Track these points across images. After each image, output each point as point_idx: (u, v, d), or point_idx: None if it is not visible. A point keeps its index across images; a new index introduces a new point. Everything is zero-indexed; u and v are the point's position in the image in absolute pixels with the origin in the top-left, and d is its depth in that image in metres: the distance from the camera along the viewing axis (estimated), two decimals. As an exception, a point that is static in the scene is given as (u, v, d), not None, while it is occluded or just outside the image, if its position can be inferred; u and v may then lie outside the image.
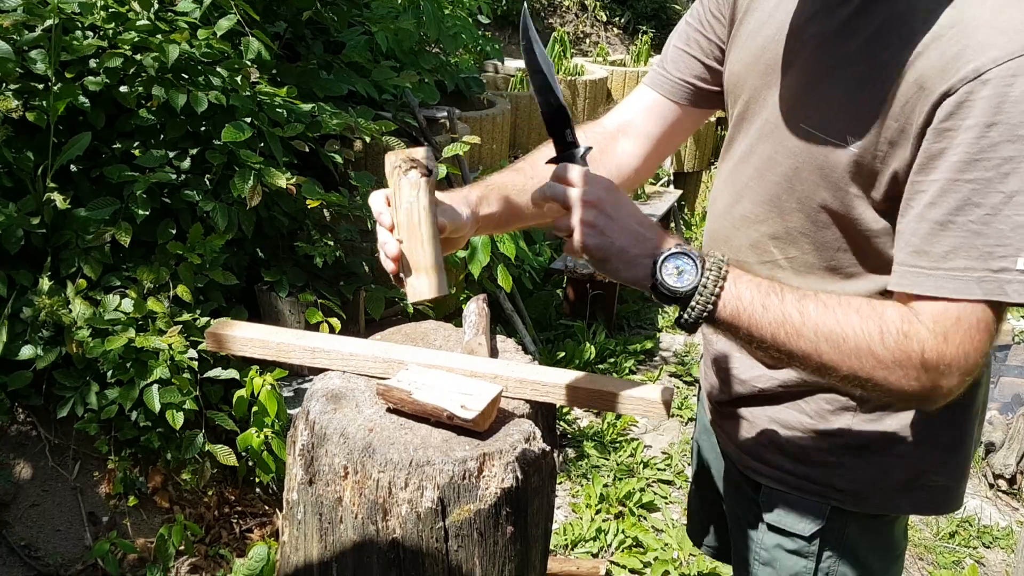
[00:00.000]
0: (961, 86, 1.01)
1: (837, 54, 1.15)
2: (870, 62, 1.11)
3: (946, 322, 1.04)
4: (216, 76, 2.86)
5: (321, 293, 3.04)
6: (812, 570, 1.37)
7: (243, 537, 2.80)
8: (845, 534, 1.34)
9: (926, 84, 1.05)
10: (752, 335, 1.10)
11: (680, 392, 4.33)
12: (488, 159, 4.64)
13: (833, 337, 1.06)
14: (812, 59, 1.18)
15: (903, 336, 1.05)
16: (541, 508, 1.53)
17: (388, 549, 1.40)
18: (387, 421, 1.46)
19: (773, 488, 1.39)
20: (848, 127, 1.13)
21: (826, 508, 1.33)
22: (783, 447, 1.36)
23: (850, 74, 1.14)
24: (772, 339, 1.09)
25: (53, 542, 2.55)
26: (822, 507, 1.33)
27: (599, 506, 3.29)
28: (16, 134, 2.63)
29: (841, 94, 1.14)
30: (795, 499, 1.36)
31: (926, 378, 1.05)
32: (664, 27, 9.59)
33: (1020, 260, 1.01)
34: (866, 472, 1.29)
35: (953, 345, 1.04)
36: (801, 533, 1.36)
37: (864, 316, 1.06)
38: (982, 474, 3.73)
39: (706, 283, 1.09)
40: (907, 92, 1.07)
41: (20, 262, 2.65)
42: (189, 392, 2.58)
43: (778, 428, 1.37)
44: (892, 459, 1.28)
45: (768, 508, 1.40)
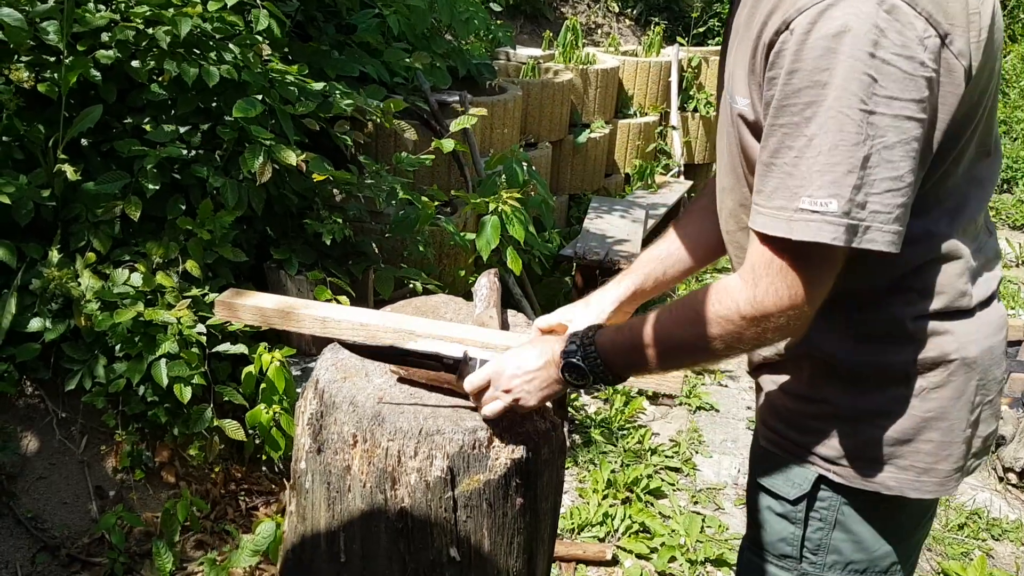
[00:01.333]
0: (777, 37, 1.08)
1: (737, 26, 1.24)
2: (748, 27, 1.18)
3: (759, 265, 1.13)
4: (228, 52, 2.85)
5: (330, 271, 3.03)
6: (800, 537, 1.38)
7: (249, 514, 2.80)
8: (839, 508, 1.33)
9: (763, 37, 1.12)
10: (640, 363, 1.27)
11: (688, 380, 4.31)
12: (499, 143, 4.63)
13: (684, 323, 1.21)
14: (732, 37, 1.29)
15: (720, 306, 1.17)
16: (551, 481, 1.52)
17: (396, 519, 1.39)
18: (397, 391, 1.45)
19: (768, 450, 1.41)
20: (740, 90, 1.21)
21: (812, 475, 1.33)
22: (780, 411, 1.38)
23: (742, 40, 1.20)
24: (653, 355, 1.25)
25: (60, 514, 2.55)
26: (808, 473, 1.34)
27: (606, 491, 3.28)
28: (28, 106, 2.62)
29: (739, 61, 1.21)
30: (784, 462, 1.37)
31: (756, 325, 1.15)
32: (676, 19, 9.55)
33: (805, 200, 1.07)
34: (849, 442, 1.29)
35: (762, 288, 1.12)
36: (786, 496, 1.37)
37: (699, 297, 1.20)
38: (991, 467, 3.71)
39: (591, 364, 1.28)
40: (758, 48, 1.14)
41: (30, 234, 2.65)
42: (197, 367, 2.58)
43: (779, 392, 1.39)
44: (873, 431, 1.27)
45: (761, 469, 1.42)
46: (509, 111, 4.72)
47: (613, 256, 4.63)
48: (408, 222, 3.19)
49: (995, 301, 1.31)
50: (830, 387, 1.30)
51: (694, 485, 3.46)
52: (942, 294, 1.22)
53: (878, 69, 1.02)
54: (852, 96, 1.02)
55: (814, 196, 1.06)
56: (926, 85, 1.04)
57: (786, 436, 1.37)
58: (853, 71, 1.02)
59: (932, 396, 1.25)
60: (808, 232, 1.06)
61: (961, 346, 1.24)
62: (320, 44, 3.66)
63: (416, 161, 3.25)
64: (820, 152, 1.05)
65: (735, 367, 4.53)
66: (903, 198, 1.06)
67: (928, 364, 1.24)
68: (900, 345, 1.24)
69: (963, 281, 1.23)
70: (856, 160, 1.04)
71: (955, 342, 1.23)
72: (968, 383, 1.25)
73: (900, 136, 1.04)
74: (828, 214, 1.05)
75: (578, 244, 4.80)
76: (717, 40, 8.88)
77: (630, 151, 6.58)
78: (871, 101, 1.02)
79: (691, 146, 6.98)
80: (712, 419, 4.00)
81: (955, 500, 3.45)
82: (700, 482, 3.49)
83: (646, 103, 6.80)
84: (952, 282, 1.22)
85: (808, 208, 1.06)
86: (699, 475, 3.54)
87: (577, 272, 4.88)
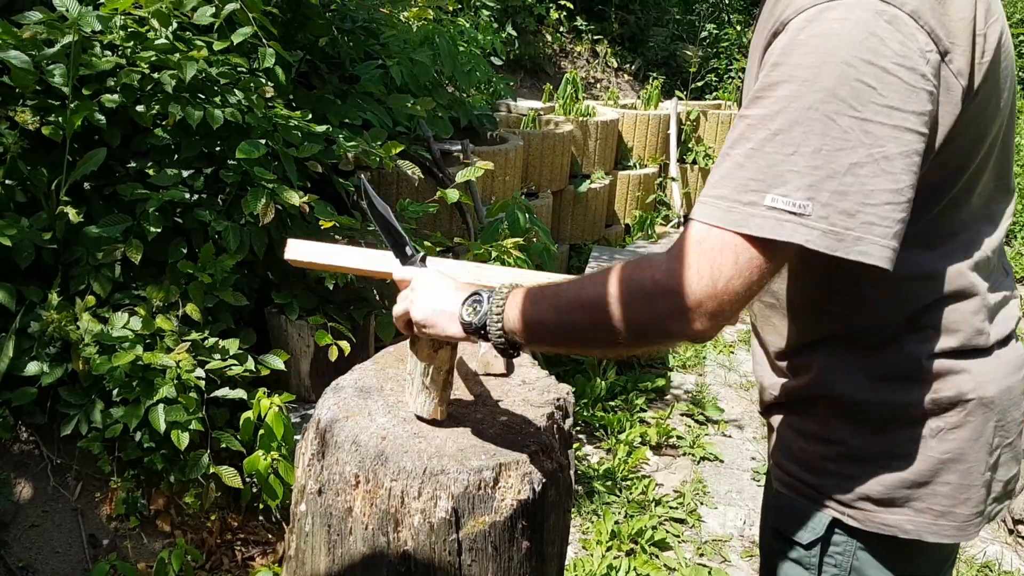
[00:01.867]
0: (773, 39, 1.06)
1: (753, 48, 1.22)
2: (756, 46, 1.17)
3: (687, 244, 1.04)
4: (232, 95, 2.87)
5: (331, 317, 3.01)
6: None
7: (245, 565, 2.74)
8: (855, 554, 1.29)
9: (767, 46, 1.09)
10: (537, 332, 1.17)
11: (692, 431, 4.26)
12: (501, 192, 4.64)
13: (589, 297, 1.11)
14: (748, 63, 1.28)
15: (637, 269, 1.08)
16: (557, 524, 1.48)
17: (399, 562, 1.35)
18: (400, 429, 1.42)
19: (782, 493, 1.37)
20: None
21: (826, 519, 1.29)
22: (793, 453, 1.34)
23: (752, 60, 1.20)
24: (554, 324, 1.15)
25: (52, 564, 2.49)
26: (822, 516, 1.30)
27: (610, 543, 3.21)
28: (32, 149, 2.63)
29: (749, 81, 1.21)
30: (798, 505, 1.33)
31: (663, 302, 1.04)
32: (674, 74, 9.67)
33: (769, 197, 1.00)
34: (863, 484, 1.25)
35: (684, 263, 1.03)
36: (800, 540, 1.32)
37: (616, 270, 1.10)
38: (1001, 519, 3.65)
39: (491, 308, 1.19)
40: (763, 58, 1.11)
41: (30, 277, 2.63)
42: (195, 412, 2.54)
43: (790, 434, 1.35)
44: (889, 472, 1.24)
45: (775, 513, 1.38)
46: (510, 160, 4.74)
47: (615, 305, 4.61)
48: (410, 268, 3.17)
49: (1013, 340, 1.28)
50: (844, 428, 1.26)
51: (699, 537, 3.40)
52: (958, 332, 1.19)
53: (878, 78, 0.99)
54: (841, 102, 0.99)
55: (790, 196, 1.00)
56: (928, 99, 1.01)
57: (799, 478, 1.33)
58: (844, 76, 0.99)
59: (949, 437, 1.21)
60: (777, 231, 1.00)
61: (978, 385, 1.20)
62: (324, 92, 3.69)
63: (420, 209, 3.25)
64: (797, 152, 1.00)
65: (740, 416, 4.48)
66: (903, 213, 1.02)
67: (945, 404, 1.21)
68: (916, 384, 1.21)
69: (980, 319, 1.20)
70: (839, 166, 0.99)
71: (972, 381, 1.20)
72: (986, 424, 1.22)
73: (901, 148, 1.00)
74: (804, 216, 0.99)
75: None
76: (715, 95, 8.99)
77: (630, 202, 6.61)
78: (867, 109, 0.99)
79: (690, 197, 7.01)
80: (717, 470, 3.94)
81: (965, 553, 3.38)
82: (705, 534, 3.42)
83: (645, 155, 6.85)
84: (968, 319, 1.20)
85: (780, 207, 1.00)
86: (704, 527, 3.47)
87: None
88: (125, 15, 2.84)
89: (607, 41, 9.81)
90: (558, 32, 9.57)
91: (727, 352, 5.38)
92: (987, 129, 1.14)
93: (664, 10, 10.36)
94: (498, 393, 1.59)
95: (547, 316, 1.15)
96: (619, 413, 4.24)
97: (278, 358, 2.82)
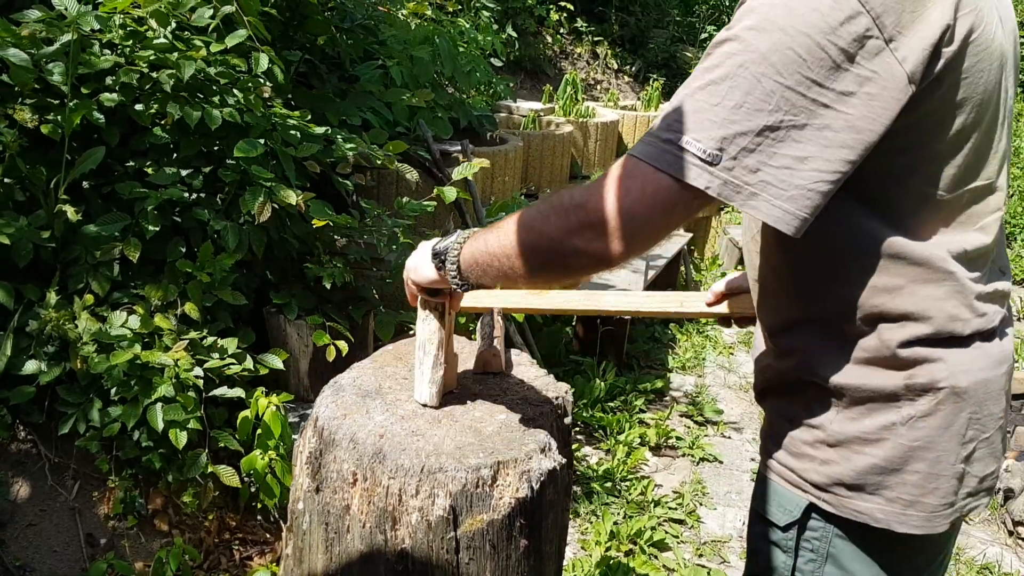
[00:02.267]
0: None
1: None
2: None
3: (609, 171, 1.12)
4: (231, 95, 2.86)
5: (330, 316, 3.00)
6: (791, 567, 1.34)
7: (243, 564, 2.73)
8: (832, 541, 1.29)
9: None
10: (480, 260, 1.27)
11: (691, 432, 4.25)
12: (500, 193, 4.64)
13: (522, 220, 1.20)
14: None
15: (562, 191, 1.18)
16: (556, 523, 1.47)
17: (396, 560, 1.34)
18: (398, 427, 1.42)
19: (765, 476, 1.38)
20: None
21: (803, 502, 1.30)
22: (778, 436, 1.36)
23: None
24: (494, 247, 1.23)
25: (49, 563, 2.48)
26: (798, 500, 1.31)
27: (609, 543, 3.20)
28: (30, 148, 2.62)
29: None
30: (778, 488, 1.34)
31: (573, 216, 1.13)
32: (674, 76, 9.67)
33: (684, 139, 1.06)
34: (838, 469, 1.26)
35: (600, 185, 1.11)
36: (777, 522, 1.34)
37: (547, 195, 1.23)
38: (1001, 521, 3.64)
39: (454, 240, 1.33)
40: None
41: (28, 276, 2.63)
42: (193, 411, 2.53)
43: (776, 417, 1.37)
44: (862, 458, 1.24)
45: (757, 495, 1.40)
46: (510, 161, 4.74)
47: (614, 306, 4.60)
48: (409, 268, 3.17)
49: (999, 338, 1.27)
50: (825, 412, 1.27)
51: (698, 538, 3.39)
52: (931, 318, 1.19)
53: (809, 50, 1.03)
54: (770, 66, 1.04)
55: (702, 142, 1.06)
56: (854, 81, 1.04)
57: (781, 461, 1.34)
58: (779, 44, 1.04)
59: (920, 425, 1.21)
60: (682, 171, 1.07)
61: (951, 375, 1.20)
62: (323, 92, 3.68)
63: (418, 207, 3.25)
64: (720, 104, 1.06)
65: (739, 417, 4.48)
66: (803, 180, 1.06)
67: (917, 390, 1.21)
68: (890, 370, 1.21)
69: (953, 305, 1.20)
70: (754, 125, 1.05)
71: (946, 370, 1.20)
72: (958, 414, 1.21)
73: (814, 120, 1.05)
74: (711, 165, 1.06)
75: (579, 294, 4.78)
76: (715, 96, 8.97)
77: (630, 203, 6.60)
78: (791, 78, 1.04)
79: (691, 199, 7.00)
80: (716, 471, 3.94)
81: (965, 555, 3.38)
82: (704, 534, 3.42)
83: (646, 156, 6.85)
84: (940, 305, 1.19)
85: (691, 151, 1.06)
86: (703, 527, 3.46)
87: (578, 322, 4.86)
88: (124, 14, 2.84)
89: (607, 43, 9.81)
90: (558, 33, 9.57)
91: (727, 354, 5.38)
92: (950, 120, 1.14)
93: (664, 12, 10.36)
94: (496, 391, 1.58)
95: (489, 242, 1.25)
96: (618, 414, 4.24)
97: (276, 357, 2.82)
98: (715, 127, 1.06)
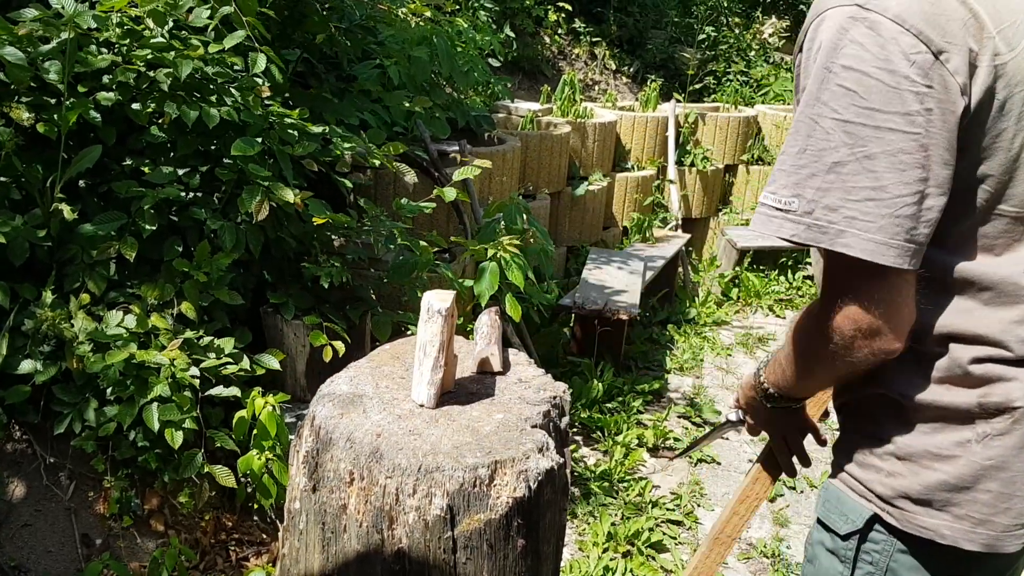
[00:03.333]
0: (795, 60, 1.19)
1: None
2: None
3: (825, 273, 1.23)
4: (228, 95, 2.85)
5: (327, 316, 3.00)
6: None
7: (239, 565, 2.72)
8: (893, 556, 1.29)
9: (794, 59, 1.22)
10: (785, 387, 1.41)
11: (689, 433, 4.25)
12: (498, 194, 4.63)
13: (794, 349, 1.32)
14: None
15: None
16: (553, 523, 1.46)
17: (393, 560, 1.34)
18: (395, 426, 1.41)
19: (831, 484, 1.39)
20: None
21: (866, 513, 1.30)
22: (847, 447, 1.37)
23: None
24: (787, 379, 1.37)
25: (44, 563, 2.47)
26: (862, 509, 1.30)
27: (606, 544, 3.20)
28: (26, 146, 2.61)
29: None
30: (842, 496, 1.35)
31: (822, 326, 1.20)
32: (672, 77, 9.66)
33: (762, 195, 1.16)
34: (906, 483, 1.25)
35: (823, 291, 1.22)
36: (837, 530, 1.33)
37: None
38: None
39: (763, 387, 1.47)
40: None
41: (24, 275, 2.62)
42: (189, 411, 2.52)
43: (848, 430, 1.39)
44: (932, 473, 1.23)
45: (821, 502, 1.40)
46: (508, 162, 4.73)
47: (612, 306, 4.60)
48: (406, 267, 3.16)
49: None
50: (896, 426, 1.28)
51: (696, 539, 3.38)
52: (1004, 341, 1.19)
53: (858, 82, 1.06)
54: (823, 105, 1.08)
55: (777, 193, 1.11)
56: (914, 99, 1.05)
57: (847, 470, 1.35)
58: (826, 82, 1.08)
59: (994, 444, 1.21)
60: (767, 226, 1.13)
61: None
62: (321, 91, 3.68)
63: (416, 208, 3.24)
64: (787, 154, 1.10)
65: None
66: (888, 209, 1.07)
67: (991, 409, 1.20)
68: (963, 388, 1.21)
69: None
70: (822, 165, 1.08)
71: (1020, 390, 1.19)
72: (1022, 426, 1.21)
73: (883, 147, 1.06)
74: (790, 212, 1.10)
75: (577, 294, 4.78)
76: (713, 97, 8.98)
77: (628, 204, 6.61)
78: (847, 111, 1.06)
79: (688, 200, 7.00)
80: (714, 472, 3.93)
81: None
82: (702, 535, 3.41)
83: (643, 157, 6.85)
84: (1014, 329, 1.19)
85: (769, 203, 1.12)
86: (701, 528, 3.46)
87: (576, 323, 4.85)
88: (121, 13, 2.83)
89: (605, 43, 9.81)
90: (556, 34, 9.57)
91: (724, 355, 5.37)
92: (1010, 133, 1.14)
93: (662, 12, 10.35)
94: (494, 391, 1.58)
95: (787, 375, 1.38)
96: (616, 415, 4.23)
97: (273, 358, 2.81)
98: (785, 175, 1.11)
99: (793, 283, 6.62)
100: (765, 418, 1.55)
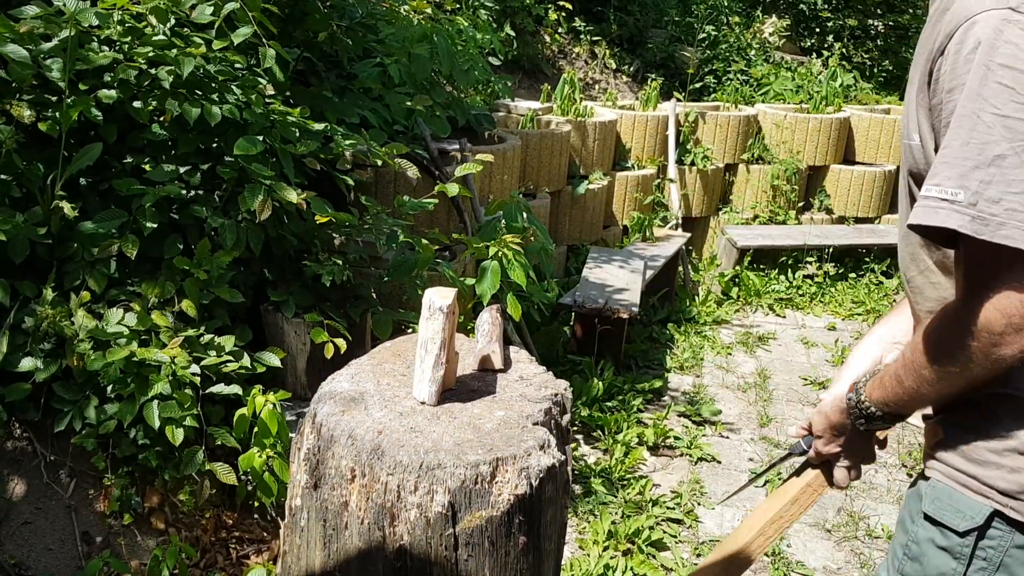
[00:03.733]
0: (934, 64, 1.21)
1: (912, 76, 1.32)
2: (916, 67, 1.27)
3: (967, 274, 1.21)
4: (230, 92, 2.85)
5: (328, 314, 3.00)
6: (961, 574, 1.33)
7: (239, 563, 2.72)
8: (1009, 550, 1.30)
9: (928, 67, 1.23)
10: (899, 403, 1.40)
11: (689, 432, 4.25)
12: (498, 192, 4.63)
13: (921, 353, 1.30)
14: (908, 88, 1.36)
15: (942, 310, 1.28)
16: (555, 520, 1.47)
17: (395, 557, 1.34)
18: (396, 424, 1.41)
19: (939, 482, 1.38)
20: (912, 126, 1.30)
21: (986, 509, 1.30)
22: (956, 445, 1.37)
23: (912, 82, 1.30)
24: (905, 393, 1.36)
25: (45, 561, 2.47)
26: (981, 507, 1.31)
27: (607, 543, 3.20)
28: (27, 144, 2.61)
29: (910, 101, 1.31)
30: (957, 495, 1.34)
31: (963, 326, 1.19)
32: (672, 76, 9.65)
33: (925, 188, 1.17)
34: None
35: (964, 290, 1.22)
36: (955, 528, 1.33)
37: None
38: None
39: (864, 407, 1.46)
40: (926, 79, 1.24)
41: (25, 273, 2.62)
42: (190, 408, 2.52)
43: (955, 429, 1.38)
44: None
45: (930, 500, 1.39)
46: (508, 160, 4.73)
47: (612, 305, 4.60)
48: (407, 265, 3.16)
49: None
50: (1016, 422, 1.29)
51: (696, 537, 3.39)
52: None
53: (1015, 79, 1.11)
54: (983, 100, 1.12)
55: (942, 185, 1.14)
56: None
57: (962, 469, 1.35)
58: (985, 79, 1.13)
59: None
60: (931, 217, 1.14)
61: None
62: (322, 89, 3.68)
63: (418, 205, 3.24)
64: (949, 148, 1.15)
65: (738, 417, 4.48)
66: None
67: None
68: None
69: None
70: (984, 158, 1.11)
71: None
72: None
73: None
74: (955, 203, 1.13)
75: (577, 293, 4.78)
76: (713, 96, 8.98)
77: (628, 203, 6.60)
78: (1007, 107, 1.11)
79: (688, 199, 7.00)
80: (714, 470, 3.93)
81: None
82: (703, 534, 3.41)
83: (643, 156, 6.84)
84: None
85: (933, 195, 1.14)
86: (701, 527, 3.46)
87: (576, 321, 4.85)
88: (122, 10, 2.83)
89: (606, 42, 9.81)
90: (556, 33, 9.57)
91: (724, 354, 5.37)
92: None
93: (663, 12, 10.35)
94: (495, 388, 1.58)
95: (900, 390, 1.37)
96: (616, 414, 4.23)
97: (274, 355, 2.81)
98: (949, 167, 1.14)
99: (793, 282, 6.62)
100: (851, 439, 1.55)
